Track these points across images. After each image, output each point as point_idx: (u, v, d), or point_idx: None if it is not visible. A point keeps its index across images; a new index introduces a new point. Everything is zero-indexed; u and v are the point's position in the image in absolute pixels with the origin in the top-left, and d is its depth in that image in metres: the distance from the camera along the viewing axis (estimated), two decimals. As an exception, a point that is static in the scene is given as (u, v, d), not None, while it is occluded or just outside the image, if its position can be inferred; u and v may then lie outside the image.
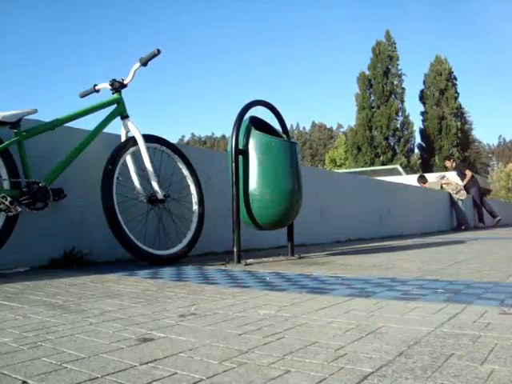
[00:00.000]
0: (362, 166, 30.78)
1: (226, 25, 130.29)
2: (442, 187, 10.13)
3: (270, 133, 2.92)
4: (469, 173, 10.92)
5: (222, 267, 2.57)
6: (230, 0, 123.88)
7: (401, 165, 28.79)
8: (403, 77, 34.39)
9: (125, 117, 2.79)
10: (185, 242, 2.87)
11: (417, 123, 35.44)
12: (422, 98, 34.86)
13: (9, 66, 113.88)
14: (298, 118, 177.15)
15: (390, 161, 32.18)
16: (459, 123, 33.31)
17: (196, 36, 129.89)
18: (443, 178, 10.60)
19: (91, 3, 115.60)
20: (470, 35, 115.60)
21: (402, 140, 33.45)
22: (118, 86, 2.78)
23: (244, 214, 2.80)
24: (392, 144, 33.64)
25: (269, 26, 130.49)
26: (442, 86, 33.86)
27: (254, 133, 2.78)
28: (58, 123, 2.52)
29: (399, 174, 20.93)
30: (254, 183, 2.76)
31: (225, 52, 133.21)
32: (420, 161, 34.30)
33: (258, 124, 2.90)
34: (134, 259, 2.70)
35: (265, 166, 2.76)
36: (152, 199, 2.80)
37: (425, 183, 10.12)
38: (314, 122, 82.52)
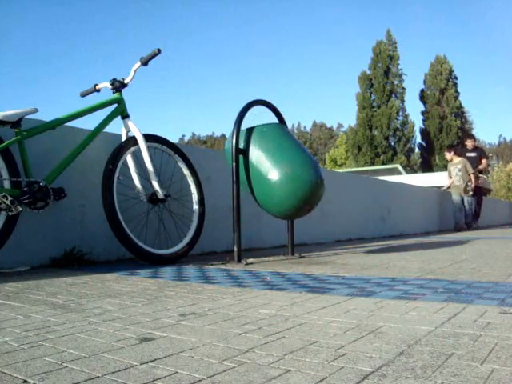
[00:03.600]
0: (363, 166, 30.80)
1: (226, 25, 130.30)
2: (451, 159, 9.00)
3: None
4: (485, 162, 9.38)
5: (223, 267, 2.57)
6: (231, 1, 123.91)
7: (401, 164, 28.79)
8: (403, 76, 34.41)
9: (125, 116, 2.79)
10: (185, 241, 2.87)
11: (417, 123, 35.47)
12: (423, 97, 34.85)
13: (10, 66, 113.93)
14: (299, 118, 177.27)
15: (391, 160, 32.19)
16: (459, 123, 33.31)
17: (196, 36, 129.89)
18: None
19: (92, 4, 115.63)
20: (471, 35, 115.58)
21: (402, 139, 33.45)
22: (118, 86, 2.78)
23: (264, 202, 2.83)
24: (392, 144, 33.64)
25: (270, 26, 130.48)
26: (442, 85, 33.85)
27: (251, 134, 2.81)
28: (58, 123, 2.52)
29: (399, 173, 20.95)
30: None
31: (225, 52, 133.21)
32: (420, 160, 34.30)
33: None
34: (135, 258, 2.70)
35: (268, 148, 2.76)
36: (152, 199, 2.80)
37: (457, 154, 8.96)
38: (314, 122, 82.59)
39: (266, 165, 2.71)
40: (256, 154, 2.75)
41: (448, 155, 9.22)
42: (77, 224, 2.73)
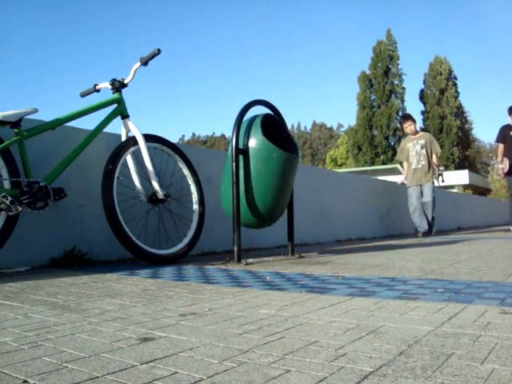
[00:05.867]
0: (363, 166, 30.83)
1: (227, 25, 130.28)
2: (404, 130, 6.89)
3: (281, 135, 2.92)
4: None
5: (223, 267, 2.57)
6: (231, 1, 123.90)
7: (401, 164, 28.76)
8: (403, 76, 34.44)
9: (125, 116, 2.79)
10: (185, 241, 2.87)
11: (417, 122, 35.47)
12: (422, 97, 34.87)
13: (10, 66, 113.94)
14: (299, 118, 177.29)
15: (390, 160, 32.19)
16: (459, 122, 33.34)
17: (197, 36, 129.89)
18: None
19: (92, 5, 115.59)
20: (470, 35, 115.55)
21: (402, 140, 33.48)
22: (118, 86, 2.78)
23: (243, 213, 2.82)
24: (392, 144, 33.67)
25: (270, 26, 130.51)
26: (442, 85, 33.87)
27: (259, 136, 2.74)
28: (58, 123, 2.52)
29: (400, 173, 20.94)
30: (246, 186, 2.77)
31: (225, 52, 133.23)
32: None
33: (271, 124, 2.87)
34: (135, 259, 2.70)
35: (261, 174, 2.75)
36: (152, 199, 2.80)
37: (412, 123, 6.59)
38: (314, 122, 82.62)
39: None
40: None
41: (412, 126, 6.56)
42: (77, 224, 2.73)
